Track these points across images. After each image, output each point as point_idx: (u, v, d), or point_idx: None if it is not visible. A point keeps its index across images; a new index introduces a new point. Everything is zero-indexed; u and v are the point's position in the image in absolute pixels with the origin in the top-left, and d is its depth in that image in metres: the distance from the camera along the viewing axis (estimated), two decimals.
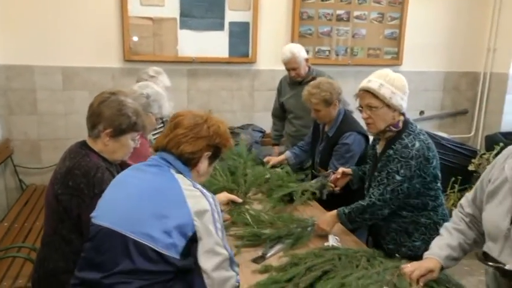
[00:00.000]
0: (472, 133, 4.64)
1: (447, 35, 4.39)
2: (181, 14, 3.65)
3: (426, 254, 1.50)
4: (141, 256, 1.19)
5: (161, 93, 2.19)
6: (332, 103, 2.42)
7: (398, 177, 1.77)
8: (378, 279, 1.45)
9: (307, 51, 4.00)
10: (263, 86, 4.01)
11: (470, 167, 3.78)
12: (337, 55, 4.17)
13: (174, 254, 1.21)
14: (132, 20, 3.54)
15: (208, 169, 1.41)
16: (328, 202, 2.36)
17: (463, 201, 1.53)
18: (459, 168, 3.80)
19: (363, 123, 2.10)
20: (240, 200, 1.75)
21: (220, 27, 3.76)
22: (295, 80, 3.10)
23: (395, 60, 4.27)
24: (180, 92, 3.78)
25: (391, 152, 1.81)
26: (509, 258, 1.23)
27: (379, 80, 1.77)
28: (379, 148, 1.94)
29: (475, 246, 1.49)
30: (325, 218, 1.98)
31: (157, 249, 1.20)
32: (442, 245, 1.48)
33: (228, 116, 3.98)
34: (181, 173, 1.32)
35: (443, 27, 4.37)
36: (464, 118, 4.68)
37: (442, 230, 1.56)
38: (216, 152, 1.39)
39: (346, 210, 1.90)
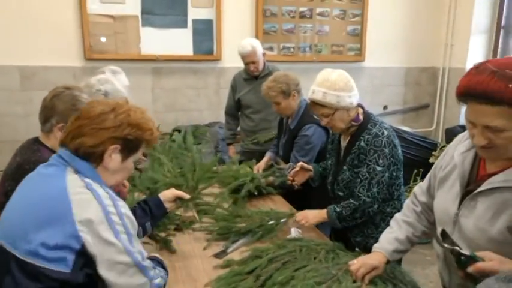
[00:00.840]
0: (434, 127, 4.79)
1: (407, 31, 4.52)
2: (143, 12, 3.60)
3: (374, 247, 1.53)
4: (23, 273, 1.05)
5: (121, 90, 2.13)
6: (290, 94, 2.45)
7: (379, 168, 1.80)
8: (324, 272, 1.48)
9: (272, 49, 4.05)
10: (229, 83, 3.98)
11: (431, 159, 3.90)
12: (302, 52, 4.21)
13: (63, 268, 1.04)
14: (92, 18, 3.47)
15: (123, 165, 1.21)
16: (290, 196, 2.40)
17: (416, 190, 1.57)
18: (421, 161, 3.92)
19: None
20: (187, 196, 1.61)
21: (184, 24, 3.73)
22: (253, 74, 3.12)
23: (358, 56, 4.36)
24: (145, 91, 3.73)
25: (362, 144, 1.84)
26: (458, 243, 1.28)
27: (322, 88, 1.81)
28: (343, 142, 1.98)
29: (423, 236, 1.54)
30: (314, 212, 1.96)
31: (40, 265, 1.04)
32: (390, 239, 1.51)
33: (195, 114, 3.97)
34: (79, 172, 1.14)
35: (402, 23, 4.49)
36: (425, 112, 4.83)
37: (392, 222, 1.58)
38: (128, 145, 1.20)
39: (338, 209, 1.88)
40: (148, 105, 3.77)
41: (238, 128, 3.43)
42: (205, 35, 3.81)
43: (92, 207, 1.07)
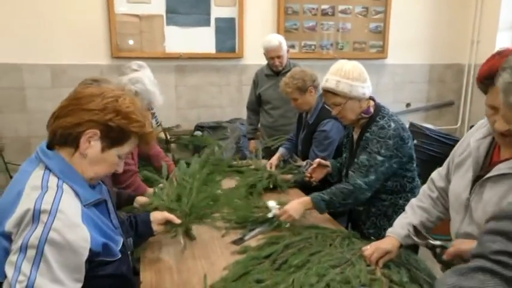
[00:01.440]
0: (459, 124, 4.71)
1: (430, 28, 4.46)
2: (167, 11, 3.70)
3: (388, 232, 1.56)
4: None
5: (151, 90, 2.13)
6: (307, 90, 2.49)
7: (379, 158, 1.80)
8: (339, 256, 1.51)
9: (293, 46, 4.08)
10: (251, 80, 4.04)
11: None
12: (323, 49, 4.23)
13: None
14: (119, 18, 3.59)
15: (104, 156, 1.09)
16: (307, 191, 2.43)
17: (434, 175, 1.58)
18: (443, 158, 3.82)
19: None
20: (178, 221, 1.56)
21: (207, 23, 3.81)
22: (277, 69, 3.18)
23: (380, 53, 4.34)
24: (168, 88, 3.83)
25: (368, 135, 1.86)
26: (467, 227, 1.29)
27: (335, 77, 1.82)
28: (355, 135, 2.00)
29: (438, 222, 1.55)
30: (293, 205, 1.88)
31: None
32: (403, 224, 1.53)
33: (217, 111, 4.04)
34: (48, 169, 1.05)
35: (426, 20, 4.44)
36: (450, 109, 4.75)
37: (407, 207, 1.61)
38: (110, 134, 1.08)
39: (326, 197, 1.85)
40: (172, 102, 3.87)
41: (259, 124, 3.49)
42: (228, 33, 3.89)
43: (27, 205, 0.96)
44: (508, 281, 0.73)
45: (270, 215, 1.87)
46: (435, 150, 3.89)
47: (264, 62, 3.52)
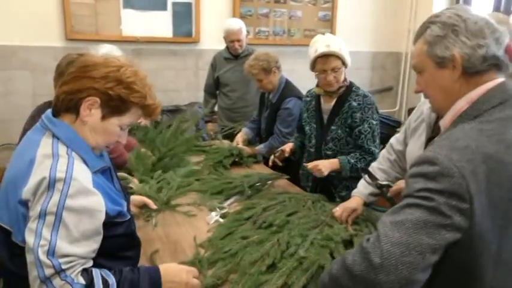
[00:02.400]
0: (397, 107, 5.13)
1: (374, 17, 4.81)
2: None
3: (353, 192, 1.79)
4: (4, 246, 1.05)
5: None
6: (271, 71, 2.66)
7: (374, 122, 2.05)
8: (315, 218, 1.70)
9: (248, 32, 4.20)
10: (207, 65, 4.12)
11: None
12: (276, 35, 4.42)
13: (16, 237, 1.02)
14: None
15: (104, 125, 1.11)
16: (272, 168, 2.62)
17: (392, 141, 1.80)
18: (385, 137, 4.21)
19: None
20: (154, 206, 1.64)
21: (164, 7, 3.84)
22: (236, 52, 3.29)
23: None
24: None
25: (354, 103, 2.06)
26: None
27: (335, 43, 2.03)
28: (326, 104, 2.18)
29: (396, 181, 1.77)
30: (325, 162, 2.03)
31: (13, 239, 1.03)
32: (366, 184, 1.77)
33: (174, 95, 4.09)
34: (55, 137, 1.08)
35: (370, 10, 4.77)
36: (390, 94, 5.16)
37: (370, 170, 1.84)
38: (110, 103, 1.10)
39: (352, 161, 2.03)
40: None
41: (216, 107, 3.60)
42: (185, 18, 3.94)
43: (42, 173, 1.00)
44: (430, 210, 0.86)
45: (210, 221, 1.83)
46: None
47: (220, 47, 3.63)
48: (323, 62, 2.05)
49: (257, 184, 2.19)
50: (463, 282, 0.93)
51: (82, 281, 0.99)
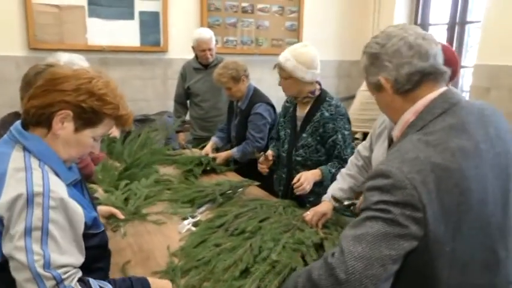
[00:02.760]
0: None
1: (339, 27, 4.95)
2: (89, 2, 3.64)
3: (323, 198, 1.83)
4: None
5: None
6: (240, 79, 2.70)
7: (346, 132, 2.09)
8: (287, 223, 1.73)
9: (217, 41, 4.23)
10: (176, 74, 4.09)
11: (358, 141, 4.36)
12: (244, 45, 4.47)
13: None
14: (36, 7, 3.44)
15: (77, 137, 1.10)
16: (241, 172, 2.65)
17: (359, 147, 1.85)
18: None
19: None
20: (121, 216, 1.65)
21: (130, 16, 3.82)
22: (206, 62, 3.29)
23: None
24: None
25: (326, 114, 2.08)
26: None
27: (288, 54, 2.06)
28: (301, 111, 2.21)
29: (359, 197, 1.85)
30: (307, 175, 2.01)
31: None
32: (335, 189, 1.82)
33: (143, 104, 4.06)
34: (26, 150, 1.06)
35: (335, 20, 4.91)
36: None
37: (338, 176, 1.88)
38: (83, 115, 1.08)
39: (333, 170, 2.03)
40: None
41: (187, 116, 3.59)
42: (152, 27, 3.93)
43: (17, 189, 0.97)
44: (387, 222, 0.90)
45: (182, 230, 1.82)
46: None
47: (189, 56, 3.63)
48: (277, 68, 2.14)
49: (228, 192, 2.20)
50: (421, 284, 0.98)
51: None
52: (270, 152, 2.37)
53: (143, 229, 1.83)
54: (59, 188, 1.03)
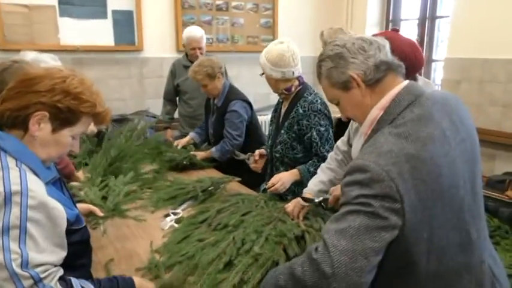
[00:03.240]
0: None
1: (312, 24, 4.99)
2: (60, 2, 3.56)
3: (304, 190, 1.85)
4: None
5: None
6: (215, 76, 2.71)
7: (322, 128, 2.05)
8: (268, 215, 1.75)
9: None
10: (152, 73, 4.12)
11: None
12: (220, 42, 4.47)
13: None
14: (4, 7, 3.35)
15: (55, 137, 1.09)
16: (222, 168, 2.66)
17: (338, 142, 1.88)
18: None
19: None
20: (100, 214, 1.63)
21: (103, 15, 3.76)
22: (196, 60, 3.27)
23: None
24: None
25: (300, 111, 2.07)
26: None
27: (263, 51, 2.11)
28: (283, 108, 2.22)
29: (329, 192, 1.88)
30: (285, 174, 2.05)
31: None
32: (315, 182, 1.84)
33: (119, 104, 4.00)
34: (2, 149, 1.04)
35: (309, 17, 4.96)
36: None
37: (318, 170, 1.91)
38: (60, 115, 1.07)
39: (312, 168, 2.02)
40: None
41: (176, 114, 3.58)
42: (126, 26, 3.88)
43: None
44: (368, 215, 0.93)
45: (165, 227, 1.83)
46: None
47: (164, 54, 3.63)
48: None
49: (210, 188, 2.20)
50: (402, 272, 1.02)
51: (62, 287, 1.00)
52: (257, 152, 2.36)
53: (125, 227, 1.83)
54: (37, 187, 1.02)
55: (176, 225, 1.81)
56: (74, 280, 1.06)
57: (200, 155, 2.74)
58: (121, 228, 1.82)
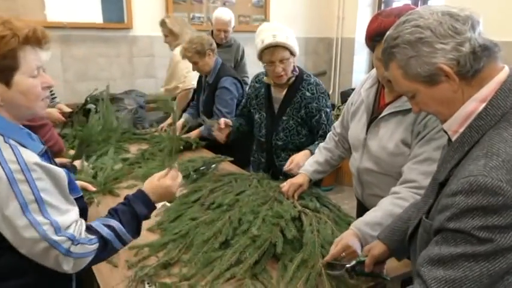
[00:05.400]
0: (331, 91, 5.35)
1: (305, 4, 4.94)
2: None
3: (300, 170, 1.84)
4: None
5: None
6: (205, 53, 2.67)
7: (328, 110, 2.07)
8: (264, 195, 1.74)
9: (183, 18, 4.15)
10: (142, 52, 4.04)
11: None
12: (211, 22, 4.38)
13: None
14: None
15: (15, 90, 0.99)
16: (214, 148, 2.64)
17: (335, 123, 1.88)
18: None
19: None
20: (93, 189, 1.62)
21: None
22: (220, 42, 3.34)
23: None
24: (53, 60, 3.60)
25: (308, 93, 2.03)
26: (366, 162, 1.57)
27: (281, 32, 1.91)
28: (277, 93, 2.12)
29: (340, 160, 1.87)
30: (300, 156, 1.98)
31: None
32: (312, 162, 1.84)
33: (109, 83, 3.93)
34: None
35: None
36: (323, 78, 5.35)
37: (316, 150, 1.91)
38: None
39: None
40: (58, 75, 3.66)
41: None
42: (115, 3, 3.77)
43: None
44: (489, 255, 0.76)
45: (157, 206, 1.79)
46: None
47: (154, 33, 3.55)
48: (270, 54, 1.95)
49: (202, 168, 2.20)
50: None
51: (92, 235, 1.06)
52: (222, 120, 2.23)
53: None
54: (33, 158, 0.99)
55: (168, 204, 1.80)
56: (94, 223, 1.11)
57: (192, 134, 2.72)
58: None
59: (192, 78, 3.23)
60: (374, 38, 1.35)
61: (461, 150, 0.88)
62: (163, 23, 3.32)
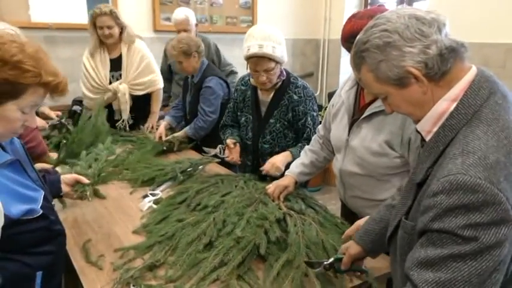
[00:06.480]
0: (318, 92, 5.39)
1: (293, 6, 4.96)
2: None
3: (286, 172, 1.85)
4: None
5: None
6: (191, 54, 2.66)
7: (315, 113, 2.07)
8: (249, 196, 1.74)
9: (169, 19, 4.14)
10: None
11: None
12: (199, 23, 4.38)
13: None
14: None
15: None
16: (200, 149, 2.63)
17: (319, 126, 1.89)
18: None
19: None
20: (86, 181, 1.59)
21: None
22: None
23: (250, 28, 4.66)
24: None
25: (295, 97, 2.03)
26: (349, 164, 1.59)
27: (270, 42, 1.87)
28: (264, 96, 2.12)
29: (326, 162, 1.89)
30: (279, 158, 2.00)
31: None
32: (298, 164, 1.85)
33: None
34: None
35: None
36: (311, 80, 5.39)
37: (301, 152, 1.92)
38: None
39: (300, 149, 1.97)
40: None
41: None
42: (101, 3, 3.73)
43: None
44: (476, 254, 0.76)
45: (143, 208, 1.81)
46: None
47: (140, 33, 3.51)
48: (254, 63, 1.94)
49: (189, 169, 2.19)
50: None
51: None
52: (229, 141, 2.22)
53: (102, 208, 1.80)
54: None
55: (155, 206, 1.80)
56: None
57: (177, 136, 2.71)
58: (98, 209, 1.80)
59: None
60: (349, 39, 1.36)
61: (436, 150, 0.89)
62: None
